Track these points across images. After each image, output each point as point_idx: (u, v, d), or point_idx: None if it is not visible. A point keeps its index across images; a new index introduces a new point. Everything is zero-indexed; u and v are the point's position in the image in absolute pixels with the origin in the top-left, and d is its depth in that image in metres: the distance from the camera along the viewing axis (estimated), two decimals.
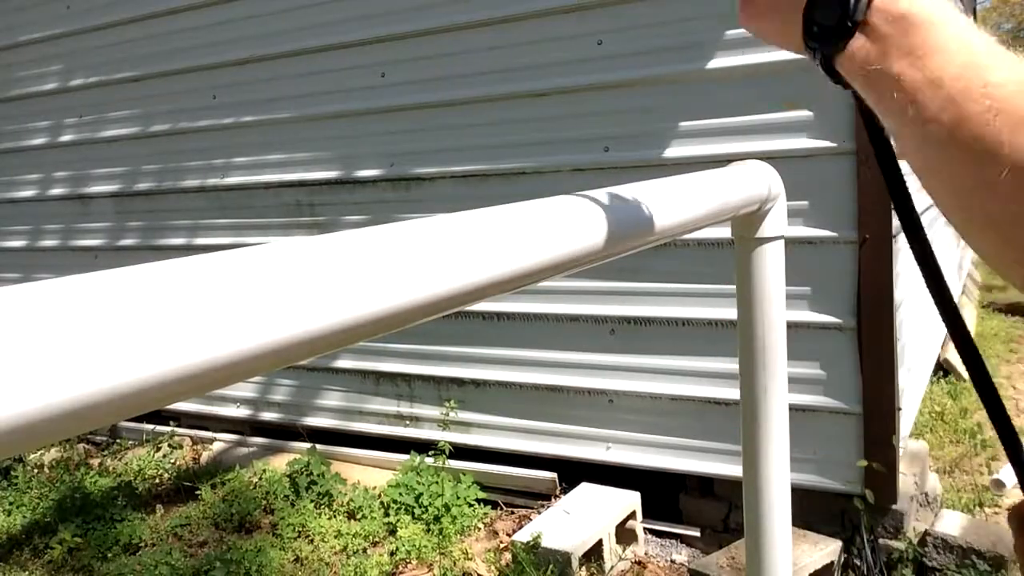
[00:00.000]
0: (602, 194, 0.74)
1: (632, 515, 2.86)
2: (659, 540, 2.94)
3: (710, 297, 2.72)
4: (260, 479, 3.48)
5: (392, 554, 2.90)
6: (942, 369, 4.73)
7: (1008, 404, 4.30)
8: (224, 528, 3.24)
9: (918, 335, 3.38)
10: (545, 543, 2.65)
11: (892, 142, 0.53)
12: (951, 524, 2.68)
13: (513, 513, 3.17)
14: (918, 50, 0.47)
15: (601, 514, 2.80)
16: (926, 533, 2.63)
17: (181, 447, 3.97)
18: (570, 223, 0.65)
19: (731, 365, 2.68)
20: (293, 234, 3.54)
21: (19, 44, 4.17)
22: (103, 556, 3.11)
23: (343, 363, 3.54)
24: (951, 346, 3.27)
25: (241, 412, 3.91)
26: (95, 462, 3.99)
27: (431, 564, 2.84)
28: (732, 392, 2.68)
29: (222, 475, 3.58)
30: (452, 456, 3.25)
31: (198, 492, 3.46)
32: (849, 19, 0.50)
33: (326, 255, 0.48)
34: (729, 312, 2.66)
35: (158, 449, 3.89)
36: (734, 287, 1.05)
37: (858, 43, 0.50)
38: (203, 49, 3.59)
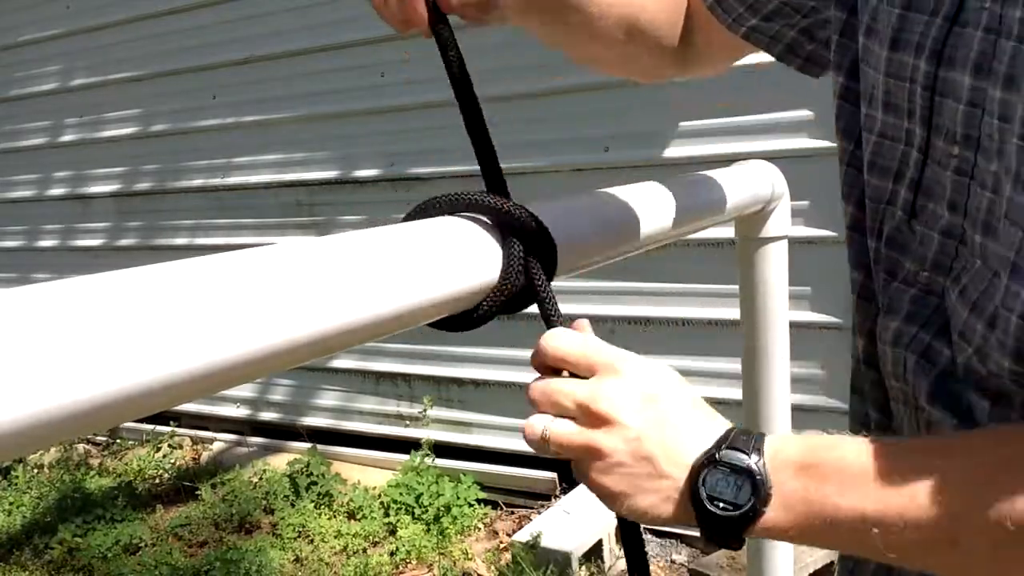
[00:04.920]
0: (605, 195, 0.74)
1: None
2: (659, 540, 2.94)
3: (711, 297, 2.72)
4: (260, 479, 3.48)
5: (392, 554, 2.90)
6: None
7: None
8: (224, 528, 3.24)
9: None
10: (545, 543, 2.65)
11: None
12: None
13: (513, 513, 3.17)
14: (839, 488, 0.50)
15: (601, 514, 2.80)
16: None
17: (181, 447, 3.97)
18: (574, 226, 0.65)
19: (731, 365, 2.68)
20: (293, 234, 3.53)
21: (19, 44, 4.16)
22: (103, 556, 3.11)
23: (343, 363, 3.54)
24: None
25: (241, 412, 3.91)
26: (95, 462, 3.98)
27: (431, 564, 2.84)
28: (732, 392, 2.67)
29: (222, 475, 3.58)
30: (452, 456, 3.25)
31: (198, 492, 3.46)
32: (760, 502, 0.51)
33: (325, 256, 0.48)
34: (730, 312, 2.66)
35: (158, 449, 3.89)
36: (734, 287, 1.05)
37: (774, 515, 0.52)
38: (203, 49, 3.59)
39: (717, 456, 0.52)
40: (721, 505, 0.51)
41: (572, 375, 0.58)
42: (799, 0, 0.76)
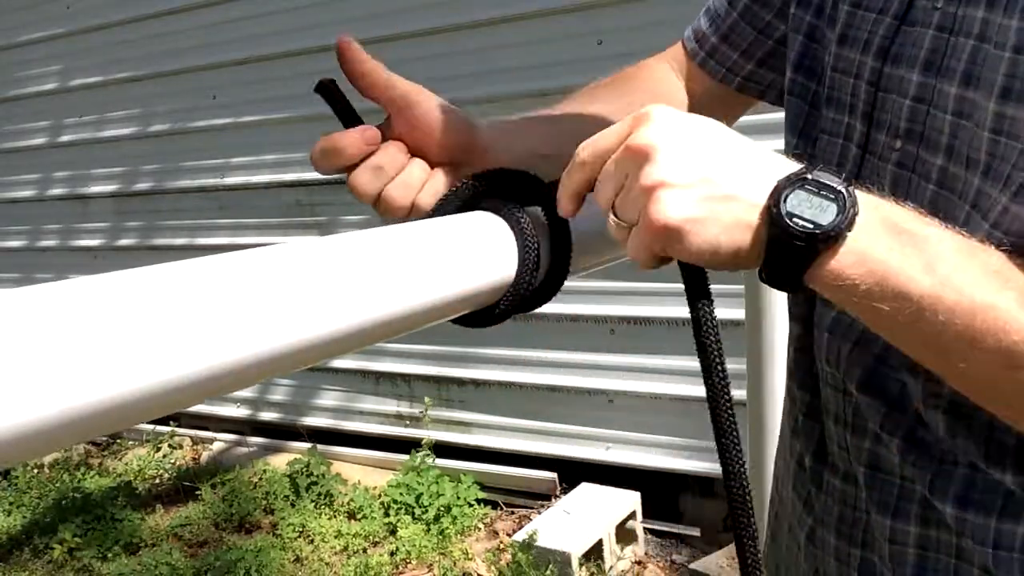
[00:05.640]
0: None
1: (632, 515, 2.86)
2: (659, 540, 2.94)
3: (712, 297, 2.72)
4: (260, 479, 3.48)
5: (392, 554, 2.90)
6: None
7: None
8: (224, 528, 3.24)
9: None
10: (545, 543, 2.65)
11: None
12: None
13: (513, 513, 3.17)
14: (927, 262, 0.47)
15: (601, 514, 2.80)
16: None
17: (181, 447, 3.97)
18: (583, 228, 0.65)
19: (731, 365, 2.67)
20: (293, 234, 3.53)
21: (19, 44, 4.16)
22: (103, 556, 3.11)
23: (342, 363, 3.54)
24: None
25: (241, 412, 3.91)
26: (95, 462, 3.98)
27: (431, 564, 2.84)
28: (735, 392, 2.67)
29: (222, 475, 3.58)
30: (452, 456, 3.25)
31: (198, 492, 3.46)
32: (846, 219, 0.46)
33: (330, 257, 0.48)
34: (730, 312, 2.65)
35: (158, 449, 3.89)
36: (737, 287, 1.05)
37: (848, 255, 0.47)
38: (203, 49, 3.59)
39: (808, 174, 0.47)
40: (801, 223, 0.46)
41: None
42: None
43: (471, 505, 3.08)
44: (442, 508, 3.03)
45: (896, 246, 0.47)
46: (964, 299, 0.47)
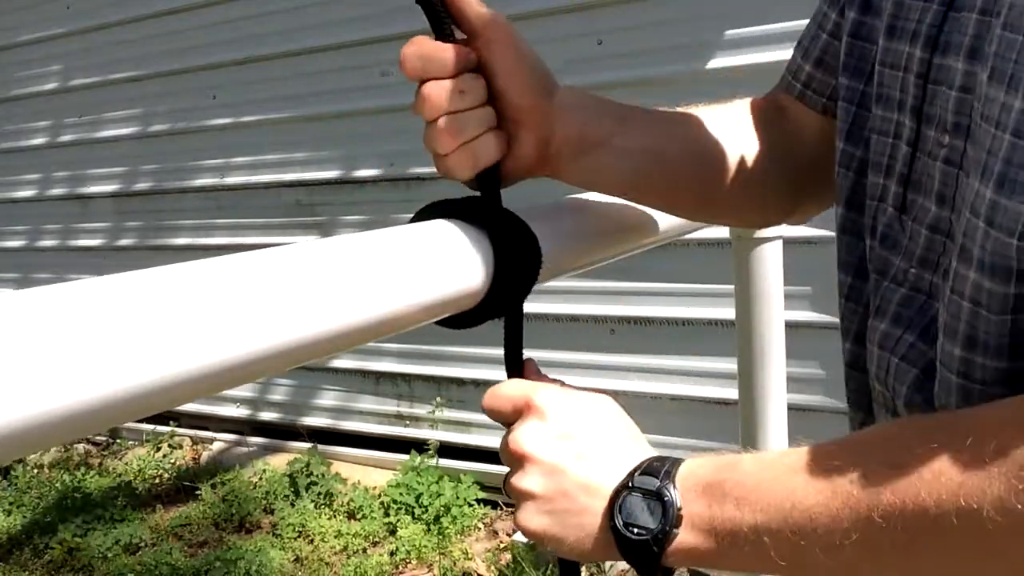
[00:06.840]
0: (602, 198, 0.74)
1: None
2: None
3: (710, 297, 2.72)
4: (260, 479, 3.48)
5: (392, 554, 2.90)
6: None
7: None
8: (224, 528, 3.24)
9: None
10: None
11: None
12: None
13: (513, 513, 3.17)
14: (745, 509, 0.50)
15: None
16: None
17: (181, 447, 3.97)
18: (570, 227, 0.66)
19: (732, 365, 2.67)
20: (293, 234, 3.53)
21: (19, 44, 4.17)
22: (103, 556, 3.11)
23: (342, 363, 3.54)
24: None
25: (241, 412, 3.91)
26: (95, 462, 3.99)
27: (431, 564, 2.85)
28: (732, 392, 2.67)
29: (222, 475, 3.58)
30: (452, 456, 3.25)
31: (198, 492, 3.46)
32: (669, 524, 0.51)
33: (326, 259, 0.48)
34: (731, 312, 2.65)
35: (158, 449, 3.89)
36: (726, 287, 1.05)
37: (684, 537, 0.51)
38: (203, 49, 3.59)
39: (631, 483, 0.53)
40: (635, 530, 0.51)
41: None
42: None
43: (471, 505, 3.08)
44: (442, 508, 3.03)
45: (714, 505, 0.51)
46: (773, 513, 0.49)
